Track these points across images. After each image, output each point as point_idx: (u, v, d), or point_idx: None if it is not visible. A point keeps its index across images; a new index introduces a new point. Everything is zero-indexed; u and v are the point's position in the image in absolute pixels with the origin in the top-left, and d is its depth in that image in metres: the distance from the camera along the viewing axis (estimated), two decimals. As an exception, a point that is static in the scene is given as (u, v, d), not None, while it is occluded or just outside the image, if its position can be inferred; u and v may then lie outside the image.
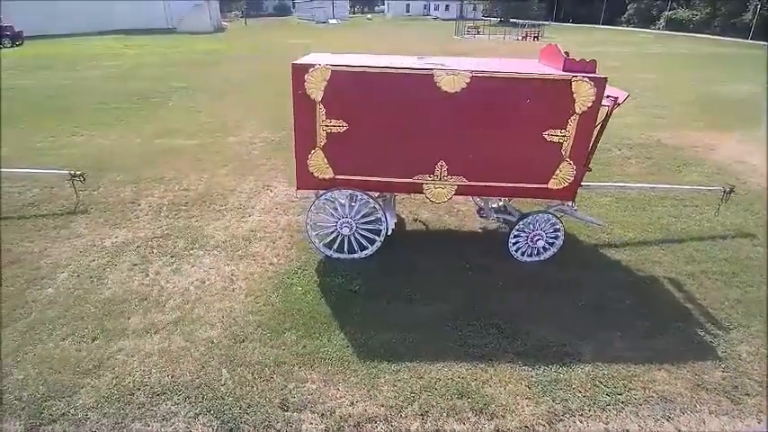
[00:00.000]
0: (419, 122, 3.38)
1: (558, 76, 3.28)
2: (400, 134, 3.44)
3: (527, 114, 3.37)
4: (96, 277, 3.65)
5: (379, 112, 3.34)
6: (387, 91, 3.27)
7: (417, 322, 3.13)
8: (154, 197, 5.04)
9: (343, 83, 3.22)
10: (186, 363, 2.76)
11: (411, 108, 3.33)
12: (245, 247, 4.06)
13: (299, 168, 3.59)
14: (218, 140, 6.99)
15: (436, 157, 3.54)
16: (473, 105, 3.30)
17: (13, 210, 4.83)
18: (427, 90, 3.28)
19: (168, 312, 3.23)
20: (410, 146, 3.47)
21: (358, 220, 3.74)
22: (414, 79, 3.28)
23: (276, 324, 3.09)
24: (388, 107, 3.33)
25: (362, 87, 3.25)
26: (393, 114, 3.36)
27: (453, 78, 3.27)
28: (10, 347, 2.90)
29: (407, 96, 3.30)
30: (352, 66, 3.24)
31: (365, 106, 3.33)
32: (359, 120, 3.38)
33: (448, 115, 3.34)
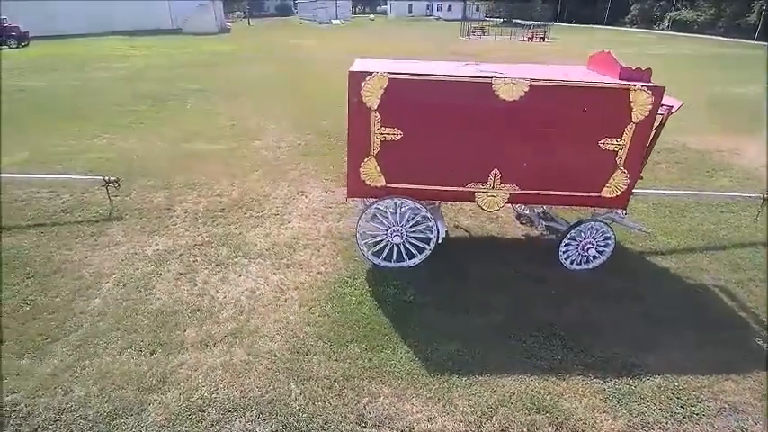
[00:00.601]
0: (475, 131, 3.36)
1: (616, 85, 3.25)
2: (455, 142, 3.41)
3: (583, 123, 3.35)
4: (143, 287, 3.59)
5: (434, 120, 3.31)
6: (443, 99, 3.24)
7: (478, 333, 3.10)
8: (188, 203, 4.98)
9: (399, 91, 3.19)
10: (252, 377, 2.71)
11: (467, 116, 3.31)
12: (290, 255, 4.01)
13: (350, 176, 3.55)
14: (243, 145, 6.91)
15: (490, 166, 3.51)
16: (530, 114, 3.27)
17: (45, 216, 4.75)
18: (485, 98, 3.25)
19: (223, 323, 3.17)
20: (464, 154, 3.44)
21: (408, 229, 3.72)
22: (472, 87, 3.24)
23: (336, 336, 3.05)
24: (444, 115, 3.30)
25: (419, 95, 3.23)
26: (448, 122, 3.33)
27: (512, 87, 3.24)
28: (66, 362, 2.84)
29: (464, 104, 3.27)
30: (410, 74, 3.20)
31: (421, 114, 3.30)
32: (414, 128, 3.34)
33: (504, 123, 3.31)
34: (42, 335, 3.06)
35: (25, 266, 3.86)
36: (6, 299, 3.46)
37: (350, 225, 4.31)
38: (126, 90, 10.80)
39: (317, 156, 6.41)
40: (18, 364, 2.82)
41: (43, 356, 2.88)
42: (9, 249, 4.14)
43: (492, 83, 3.24)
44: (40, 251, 4.08)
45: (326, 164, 6.08)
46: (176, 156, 6.42)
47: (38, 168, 6.00)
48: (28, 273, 3.77)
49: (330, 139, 7.12)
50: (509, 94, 3.28)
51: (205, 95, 10.29)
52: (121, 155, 6.42)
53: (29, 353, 2.91)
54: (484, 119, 3.32)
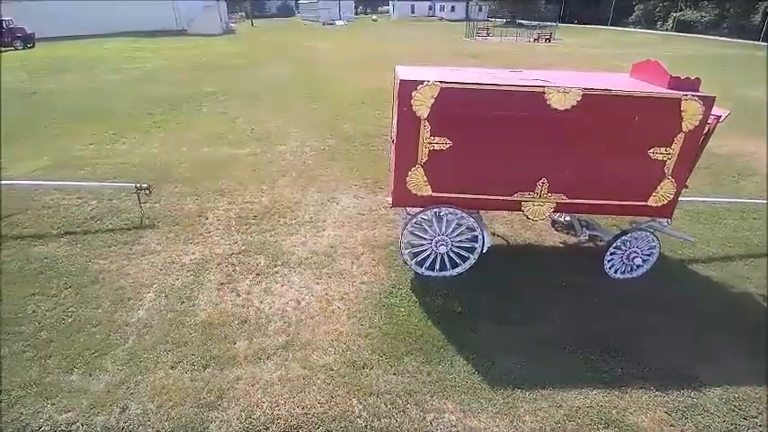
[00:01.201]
0: (524, 140, 3.32)
1: (668, 95, 3.21)
2: (504, 152, 3.37)
3: (634, 132, 3.32)
4: (186, 298, 3.53)
5: (484, 129, 3.28)
6: (494, 108, 3.21)
7: (534, 345, 3.06)
8: (219, 210, 4.92)
9: (450, 100, 3.15)
10: (311, 392, 2.67)
11: (517, 125, 3.27)
12: (330, 264, 3.96)
13: (396, 185, 3.49)
14: (266, 149, 6.84)
15: (538, 175, 3.47)
16: (581, 123, 3.24)
17: (75, 224, 4.69)
18: (536, 107, 3.21)
19: (273, 336, 3.13)
20: (513, 163, 3.40)
21: (454, 238, 3.68)
22: (523, 96, 3.20)
23: (390, 349, 3.00)
24: (494, 124, 3.27)
25: (470, 104, 3.19)
26: (498, 131, 3.29)
27: (564, 96, 3.20)
28: (117, 378, 2.78)
29: (515, 113, 3.23)
30: (462, 82, 3.17)
31: (471, 123, 3.26)
32: (463, 137, 3.30)
33: (554, 133, 3.28)
34: (89, 349, 3.01)
35: (61, 276, 3.81)
36: (47, 310, 3.40)
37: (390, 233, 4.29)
38: (140, 93, 10.71)
39: (342, 161, 6.36)
40: (68, 380, 2.77)
41: (93, 371, 2.83)
42: (42, 259, 4.08)
43: (545, 92, 3.21)
44: (75, 260, 4.04)
45: (353, 169, 6.03)
46: (200, 161, 6.35)
47: (61, 174, 5.94)
48: (65, 283, 3.73)
49: (354, 143, 7.08)
50: (561, 103, 3.24)
51: (221, 98, 10.20)
52: (145, 160, 6.35)
53: (77, 368, 2.86)
54: (534, 128, 3.28)
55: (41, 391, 2.68)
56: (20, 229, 4.62)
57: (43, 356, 2.94)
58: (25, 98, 10.20)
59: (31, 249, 4.24)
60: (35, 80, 12.64)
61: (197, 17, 25.27)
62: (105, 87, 11.46)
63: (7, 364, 2.87)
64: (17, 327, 3.24)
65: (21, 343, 3.06)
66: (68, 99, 10.23)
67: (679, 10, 31.60)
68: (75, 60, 16.23)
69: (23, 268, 3.94)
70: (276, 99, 10.11)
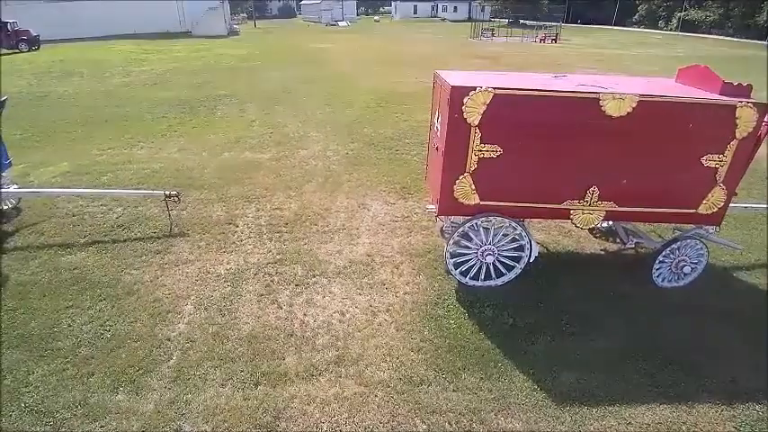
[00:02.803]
0: (576, 147, 3.24)
1: (724, 102, 3.13)
2: (555, 159, 3.28)
3: (687, 139, 3.24)
4: (226, 310, 3.43)
5: (536, 136, 3.19)
6: (547, 114, 3.13)
7: (592, 358, 2.96)
8: (249, 217, 4.81)
9: (503, 106, 3.07)
10: (371, 411, 2.56)
11: (570, 132, 3.19)
12: (370, 273, 3.85)
13: (443, 194, 3.39)
14: (289, 153, 6.72)
15: (589, 183, 3.37)
16: (635, 130, 3.16)
17: (102, 232, 4.57)
18: (590, 114, 3.12)
19: (322, 351, 3.02)
20: (563, 171, 3.32)
21: (501, 247, 3.59)
22: (578, 103, 3.11)
23: (446, 364, 2.90)
24: (547, 131, 3.18)
25: (522, 111, 3.11)
26: (550, 139, 3.21)
27: (620, 103, 3.10)
28: (166, 397, 2.67)
29: (568, 120, 3.15)
30: (515, 89, 3.10)
31: (522, 130, 3.17)
32: (514, 144, 3.21)
33: (607, 140, 3.20)
34: (132, 366, 2.90)
35: (94, 288, 3.70)
36: (83, 324, 3.29)
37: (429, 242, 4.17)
38: (152, 96, 10.59)
39: (367, 165, 6.25)
40: (115, 400, 2.65)
41: (139, 390, 2.73)
42: (72, 269, 3.97)
43: (600, 98, 3.12)
44: (106, 271, 3.92)
45: (380, 174, 5.92)
46: (223, 166, 6.24)
47: (83, 180, 5.83)
48: (99, 295, 3.61)
49: (377, 147, 6.96)
50: (616, 109, 3.15)
51: (234, 101, 10.08)
52: (166, 165, 6.23)
53: (122, 386, 2.75)
54: (587, 135, 3.20)
55: (88, 412, 2.57)
56: (45, 238, 4.52)
57: (85, 374, 2.84)
58: (36, 102, 10.10)
59: (60, 259, 4.14)
60: (44, 83, 12.50)
61: (202, 18, 25.15)
62: (116, 91, 11.34)
63: (49, 383, 2.76)
64: (54, 342, 3.14)
65: (60, 360, 2.96)
66: (80, 103, 10.10)
67: (683, 10, 31.74)
68: (82, 63, 16.07)
69: (53, 279, 3.85)
70: (292, 102, 9.99)
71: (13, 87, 11.57)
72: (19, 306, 3.53)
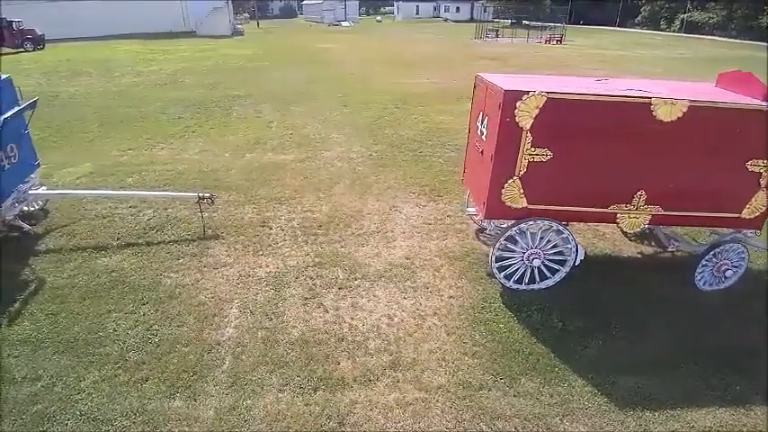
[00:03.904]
0: (625, 151, 3.25)
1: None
2: (604, 163, 3.28)
3: (733, 144, 3.26)
4: (272, 314, 3.39)
5: (586, 140, 3.21)
6: (598, 119, 3.14)
7: (647, 363, 2.96)
8: (281, 219, 4.77)
9: (555, 110, 3.07)
10: (435, 417, 2.54)
11: (620, 136, 3.20)
12: (411, 277, 3.83)
13: (490, 197, 3.39)
14: (312, 155, 6.67)
15: (636, 187, 3.39)
16: (683, 134, 3.18)
17: (135, 234, 4.53)
18: (641, 118, 3.15)
19: (375, 355, 3.00)
20: (612, 175, 3.32)
21: (547, 251, 3.60)
22: (629, 107, 3.13)
23: (502, 369, 2.89)
24: (597, 135, 3.20)
25: (574, 115, 3.12)
26: (600, 142, 3.22)
27: (671, 108, 3.12)
28: (225, 403, 2.63)
29: (619, 124, 3.16)
30: (568, 93, 3.11)
31: (573, 134, 3.19)
32: (564, 148, 3.22)
33: (656, 144, 3.22)
34: (186, 371, 2.87)
35: (135, 291, 3.66)
36: (128, 329, 3.25)
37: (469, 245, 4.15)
38: (164, 96, 10.51)
39: (393, 167, 6.21)
40: (173, 407, 2.62)
41: (197, 396, 2.69)
42: (110, 272, 3.92)
43: (651, 103, 3.14)
44: (145, 274, 3.88)
45: (406, 176, 5.89)
46: (248, 167, 6.19)
47: (108, 181, 5.74)
48: (141, 299, 3.57)
49: (400, 149, 6.92)
50: (667, 114, 3.16)
51: (249, 102, 10.01)
52: (190, 167, 6.17)
53: (179, 392, 2.72)
54: (637, 139, 3.22)
55: (148, 420, 2.54)
56: (78, 240, 4.47)
57: (138, 380, 2.80)
58: (48, 102, 9.96)
59: (96, 262, 4.10)
60: (53, 83, 12.38)
61: (207, 18, 25.05)
62: (127, 91, 11.24)
63: (101, 390, 2.71)
64: (101, 347, 3.10)
65: (110, 365, 2.92)
66: (92, 102, 10.01)
67: (686, 11, 31.89)
68: (90, 63, 15.94)
69: (91, 283, 3.80)
70: (307, 103, 9.93)
71: (24, 87, 11.29)
72: (60, 310, 3.49)
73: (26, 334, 3.22)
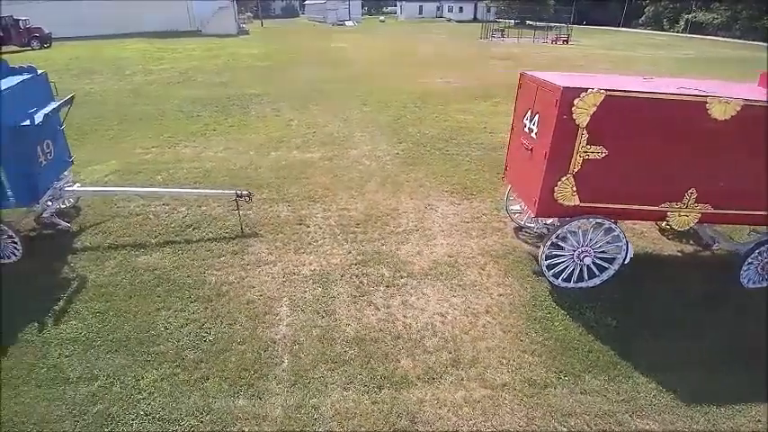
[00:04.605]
0: (678, 149, 3.25)
1: None
2: (657, 161, 3.29)
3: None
4: (324, 312, 3.37)
5: (640, 138, 3.21)
6: (654, 117, 3.15)
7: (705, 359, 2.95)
8: (317, 217, 4.74)
9: (612, 108, 3.07)
10: (506, 415, 2.53)
11: (674, 134, 3.21)
12: (457, 275, 3.81)
13: (542, 195, 3.37)
14: (338, 154, 6.65)
15: (687, 185, 3.39)
16: (735, 133, 3.18)
17: (172, 232, 4.48)
18: (695, 117, 3.15)
19: (435, 353, 2.98)
20: (664, 173, 3.33)
21: (597, 249, 3.59)
22: (685, 106, 3.12)
23: (564, 366, 2.87)
24: (651, 133, 3.20)
25: (630, 113, 3.12)
26: (654, 141, 3.22)
27: (725, 106, 3.13)
28: (291, 401, 2.61)
29: (673, 122, 3.16)
30: (626, 91, 3.10)
31: (628, 132, 3.19)
32: (618, 146, 3.22)
33: (709, 142, 3.22)
34: (245, 369, 2.84)
35: (181, 290, 3.62)
36: (180, 327, 3.22)
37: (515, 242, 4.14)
38: (179, 94, 10.44)
39: (421, 165, 6.18)
40: (239, 406, 2.59)
41: (261, 395, 2.67)
42: (152, 270, 3.89)
43: (706, 102, 3.15)
44: (188, 272, 3.84)
45: (436, 175, 5.86)
46: (276, 165, 6.15)
47: (137, 179, 5.69)
48: (189, 297, 3.54)
49: (426, 147, 6.89)
50: (721, 113, 3.16)
51: (266, 101, 9.95)
52: (218, 165, 6.11)
53: (242, 391, 2.69)
54: (690, 138, 3.22)
55: (216, 419, 2.51)
56: (114, 238, 4.42)
57: (199, 379, 2.78)
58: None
59: (136, 260, 4.05)
60: (65, 81, 12.23)
61: (213, 17, 24.93)
62: (141, 89, 11.15)
63: (162, 389, 2.68)
64: (155, 346, 3.06)
65: (167, 364, 2.89)
66: (108, 100, 9.92)
67: (690, 12, 32.03)
68: (99, 61, 15.82)
69: (135, 281, 3.76)
70: (325, 102, 9.87)
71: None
72: (107, 308, 3.45)
73: (75, 333, 3.19)
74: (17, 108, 3.85)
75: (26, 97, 4.05)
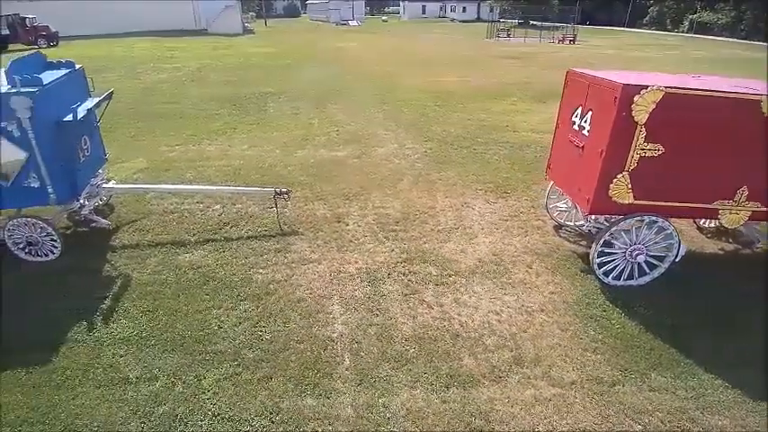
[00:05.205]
0: (732, 147, 3.25)
1: None
2: (711, 159, 3.28)
3: None
4: (376, 310, 3.33)
5: (696, 136, 3.20)
6: (710, 114, 3.14)
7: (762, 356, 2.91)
8: (354, 215, 4.71)
9: (670, 106, 3.06)
10: (580, 413, 2.50)
11: (728, 132, 3.20)
12: (505, 273, 3.78)
13: (597, 192, 3.35)
14: (366, 152, 6.61)
15: (740, 183, 3.39)
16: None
17: (211, 230, 4.44)
18: (749, 115, 3.15)
19: (496, 351, 2.95)
20: (718, 171, 3.32)
21: (650, 247, 3.59)
22: (741, 104, 3.12)
23: (628, 364, 2.85)
24: (706, 131, 3.19)
25: (687, 111, 3.11)
26: (709, 138, 3.21)
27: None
28: (360, 401, 2.58)
29: (729, 120, 3.16)
30: (685, 89, 3.10)
31: (684, 130, 3.18)
32: (675, 144, 3.21)
33: (761, 140, 3.22)
34: (308, 368, 2.80)
35: (229, 288, 3.57)
36: (234, 326, 3.17)
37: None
38: (195, 93, 10.40)
39: (451, 164, 6.15)
40: (308, 405, 2.55)
41: (329, 394, 2.63)
42: (196, 268, 3.84)
43: (761, 100, 3.15)
44: (233, 270, 3.79)
45: (468, 173, 5.84)
46: (304, 163, 6.11)
47: (167, 176, 5.65)
48: (238, 295, 3.50)
49: (453, 146, 6.88)
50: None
51: (282, 99, 9.92)
52: (246, 163, 6.06)
53: (308, 390, 2.65)
54: (744, 136, 3.22)
55: (287, 419, 2.47)
56: (152, 236, 4.38)
57: (262, 378, 2.73)
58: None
59: (177, 258, 4.00)
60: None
61: (219, 17, 24.88)
62: (156, 87, 11.08)
63: (226, 388, 2.63)
64: (212, 345, 3.01)
65: (227, 364, 2.85)
66: (124, 99, 9.75)
67: (695, 12, 32.16)
68: (109, 59, 15.68)
69: (180, 279, 3.71)
70: (343, 101, 9.84)
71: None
72: (156, 307, 3.40)
73: (127, 332, 3.14)
74: (60, 102, 3.80)
75: (68, 92, 4.00)
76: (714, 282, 3.75)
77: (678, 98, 3.07)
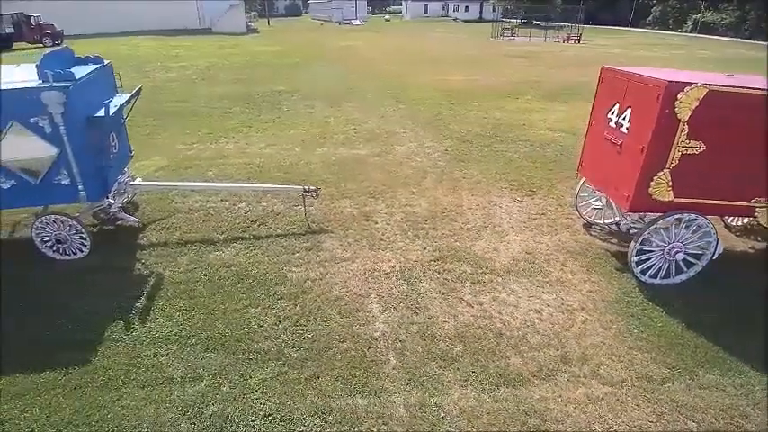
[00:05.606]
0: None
1: None
2: (750, 157, 3.27)
3: None
4: (416, 308, 3.30)
5: (736, 133, 3.19)
6: (751, 112, 3.13)
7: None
8: (382, 214, 4.68)
9: (713, 103, 3.05)
10: (633, 411, 2.48)
11: (766, 130, 3.17)
12: (541, 272, 3.76)
13: (637, 189, 3.34)
14: (386, 150, 6.59)
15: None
16: None
17: (239, 228, 4.41)
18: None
19: (542, 350, 2.92)
20: (756, 169, 3.31)
21: (689, 245, 3.58)
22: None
23: (675, 362, 2.83)
24: (746, 129, 3.18)
25: (728, 108, 3.11)
26: (748, 136, 3.21)
27: (818, 102, 3.19)
28: (411, 400, 2.55)
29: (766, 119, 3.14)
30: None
31: (725, 128, 3.17)
32: (715, 141, 3.20)
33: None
34: (354, 368, 2.77)
35: (264, 286, 3.54)
36: (273, 325, 3.14)
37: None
38: (205, 92, 10.35)
39: (472, 162, 6.13)
40: (359, 405, 2.52)
41: (378, 393, 2.60)
42: (228, 266, 3.81)
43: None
44: (266, 268, 3.76)
45: (491, 171, 5.82)
46: (325, 161, 6.09)
47: (188, 174, 5.61)
48: (274, 293, 3.47)
49: (473, 144, 6.85)
50: None
51: (295, 98, 9.87)
52: (267, 161, 6.00)
53: (356, 389, 2.62)
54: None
55: (340, 419, 2.44)
56: (180, 234, 4.34)
57: (309, 378, 2.70)
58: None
59: (208, 256, 3.96)
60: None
61: (223, 16, 24.80)
62: (165, 86, 11.01)
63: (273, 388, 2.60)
64: (254, 344, 2.98)
65: (272, 363, 2.82)
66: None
67: (699, 12, 32.27)
68: (115, 58, 15.29)
69: (214, 277, 3.68)
70: (357, 99, 9.80)
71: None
72: (192, 306, 3.36)
73: (166, 331, 3.10)
74: (91, 98, 3.74)
75: (97, 87, 3.96)
76: (748, 280, 3.71)
77: (721, 96, 3.07)
